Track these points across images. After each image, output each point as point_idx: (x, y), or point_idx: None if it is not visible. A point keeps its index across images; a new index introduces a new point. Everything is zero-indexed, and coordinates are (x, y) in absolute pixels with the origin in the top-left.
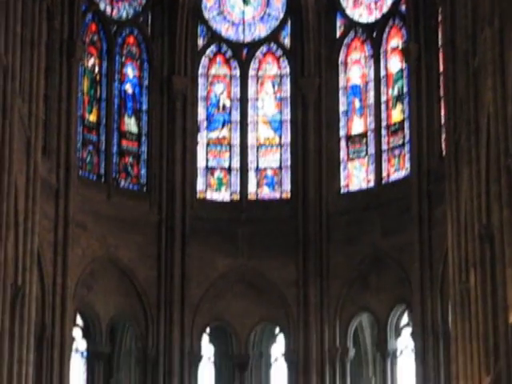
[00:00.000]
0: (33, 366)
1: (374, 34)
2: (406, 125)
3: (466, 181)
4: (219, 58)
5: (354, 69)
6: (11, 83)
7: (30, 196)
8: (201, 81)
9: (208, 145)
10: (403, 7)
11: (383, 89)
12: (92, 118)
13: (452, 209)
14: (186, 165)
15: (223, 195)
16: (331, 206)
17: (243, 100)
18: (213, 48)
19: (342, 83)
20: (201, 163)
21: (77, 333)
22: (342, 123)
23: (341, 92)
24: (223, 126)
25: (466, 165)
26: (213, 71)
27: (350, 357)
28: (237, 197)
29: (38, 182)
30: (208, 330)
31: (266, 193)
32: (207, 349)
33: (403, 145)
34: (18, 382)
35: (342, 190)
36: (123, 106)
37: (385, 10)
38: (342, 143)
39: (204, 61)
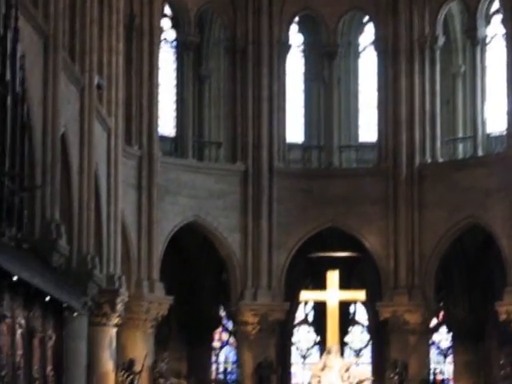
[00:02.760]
0: (123, 55)
1: None
2: None
3: None
4: None
5: None
6: None
7: None
8: None
9: None
10: None
11: None
12: None
13: None
14: None
15: None
16: None
17: None
18: None
19: None
20: None
21: (165, 23)
22: None
23: None
24: None
25: None
26: None
27: (439, 45)
28: None
29: None
30: (297, 18)
31: None
32: (296, 38)
33: None
34: (108, 72)
35: None
36: None
37: None
38: None
39: None
